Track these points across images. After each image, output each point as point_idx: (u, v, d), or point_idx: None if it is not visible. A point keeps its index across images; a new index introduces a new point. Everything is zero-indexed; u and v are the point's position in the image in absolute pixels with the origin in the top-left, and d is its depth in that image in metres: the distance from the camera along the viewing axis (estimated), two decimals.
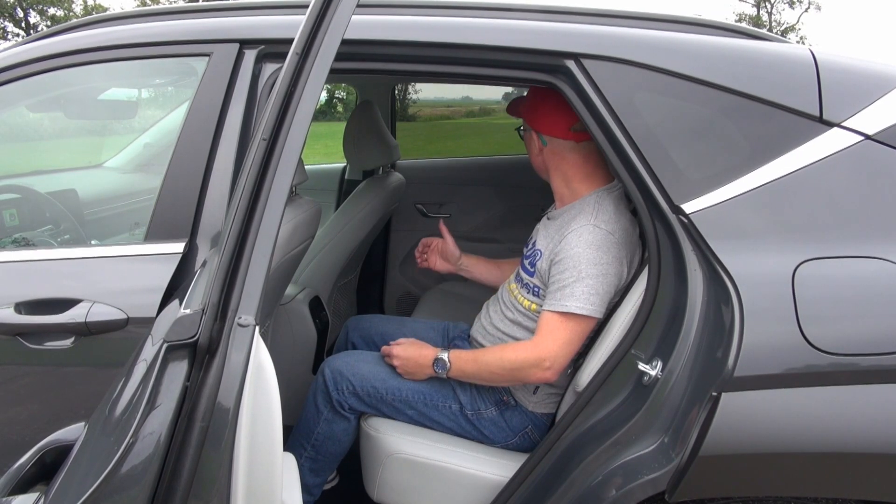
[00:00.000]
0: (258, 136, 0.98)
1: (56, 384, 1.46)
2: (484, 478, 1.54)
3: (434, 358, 1.58)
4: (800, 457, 1.14)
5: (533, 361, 1.46)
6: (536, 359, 1.45)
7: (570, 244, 1.48)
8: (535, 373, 1.46)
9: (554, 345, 1.45)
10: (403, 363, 1.62)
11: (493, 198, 3.12)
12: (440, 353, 1.59)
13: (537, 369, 1.46)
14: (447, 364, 1.57)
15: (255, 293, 0.94)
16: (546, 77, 1.37)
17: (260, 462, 0.97)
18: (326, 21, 1.00)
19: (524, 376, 1.49)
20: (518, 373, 1.49)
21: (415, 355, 1.62)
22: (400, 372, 1.64)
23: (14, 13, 26.74)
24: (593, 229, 1.47)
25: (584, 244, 1.46)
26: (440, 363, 1.57)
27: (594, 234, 1.47)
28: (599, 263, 1.45)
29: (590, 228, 1.48)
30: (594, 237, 1.46)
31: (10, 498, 1.01)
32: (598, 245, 1.46)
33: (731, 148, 1.26)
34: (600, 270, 1.44)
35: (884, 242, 1.18)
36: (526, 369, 1.47)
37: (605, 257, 1.45)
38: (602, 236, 1.46)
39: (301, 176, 1.60)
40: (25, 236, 1.78)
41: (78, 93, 1.87)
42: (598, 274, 1.44)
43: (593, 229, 1.47)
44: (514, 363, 1.48)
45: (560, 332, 1.46)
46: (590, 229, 1.48)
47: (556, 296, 1.47)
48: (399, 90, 4.59)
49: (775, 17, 35.54)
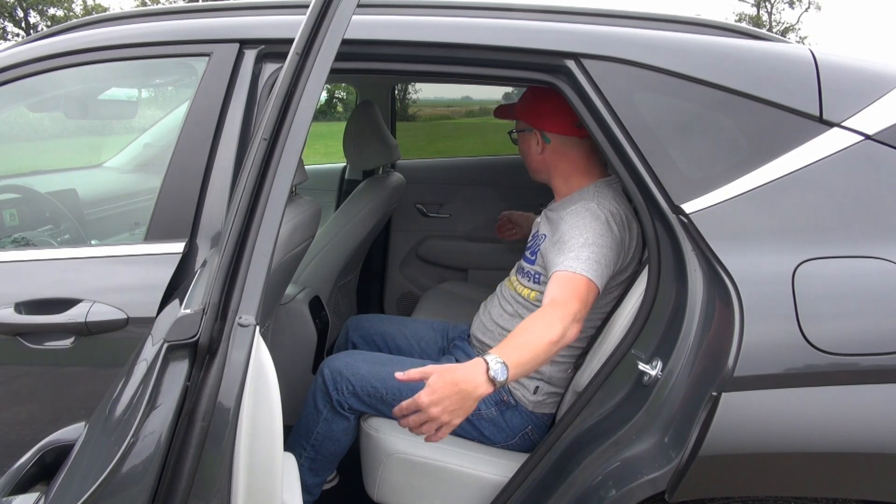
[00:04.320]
0: (258, 136, 0.98)
1: (56, 384, 1.46)
2: (484, 478, 1.54)
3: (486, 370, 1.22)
4: (800, 457, 1.14)
5: (570, 321, 1.34)
6: (573, 317, 1.34)
7: (575, 218, 1.52)
8: (572, 334, 1.34)
9: (578, 303, 1.37)
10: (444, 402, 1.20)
11: (493, 198, 3.12)
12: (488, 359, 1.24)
13: (574, 326, 1.34)
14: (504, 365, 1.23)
15: (255, 293, 0.94)
16: (546, 77, 1.37)
17: (260, 462, 0.97)
18: (326, 21, 1.00)
19: (566, 340, 1.34)
20: (563, 339, 1.33)
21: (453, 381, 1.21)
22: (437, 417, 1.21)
23: (14, 13, 26.74)
24: (597, 207, 1.53)
25: (591, 217, 1.51)
26: (498, 369, 1.22)
27: (598, 212, 1.52)
28: (604, 236, 1.48)
29: (593, 206, 1.53)
30: (598, 214, 1.51)
31: (10, 498, 1.01)
32: (604, 221, 1.50)
33: (731, 148, 1.26)
34: (605, 242, 1.47)
35: (884, 242, 1.18)
36: (567, 332, 1.33)
37: (608, 232, 1.49)
38: (605, 215, 1.51)
39: (301, 176, 1.60)
40: (25, 236, 1.78)
41: (78, 93, 1.87)
42: (604, 245, 1.47)
43: (597, 207, 1.53)
44: (557, 333, 1.31)
45: (580, 290, 1.40)
46: (594, 207, 1.53)
47: (563, 258, 1.45)
48: (399, 90, 4.59)
49: (775, 17, 35.56)
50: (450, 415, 1.21)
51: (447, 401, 1.19)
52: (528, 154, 1.70)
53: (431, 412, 1.20)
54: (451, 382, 1.20)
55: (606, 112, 1.29)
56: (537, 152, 1.67)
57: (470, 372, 1.22)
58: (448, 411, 1.20)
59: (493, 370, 1.22)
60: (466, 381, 1.21)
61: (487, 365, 1.22)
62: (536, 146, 1.67)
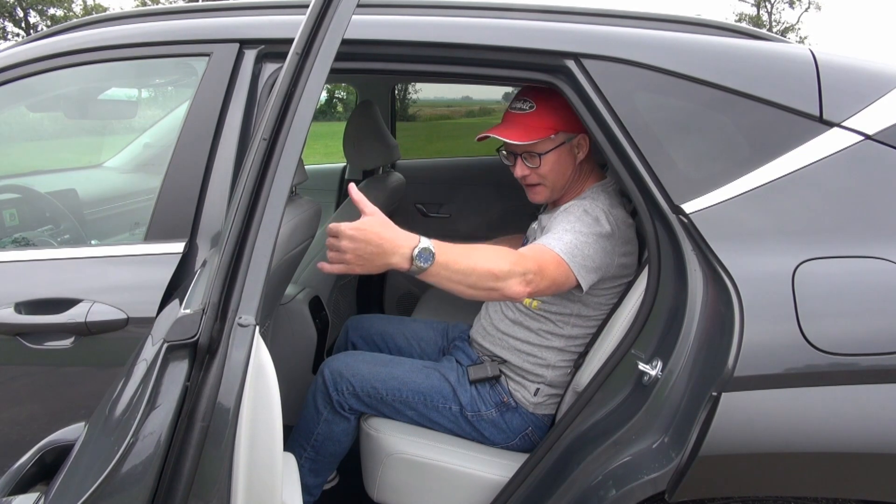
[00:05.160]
0: (258, 136, 0.98)
1: (56, 384, 1.46)
2: (484, 478, 1.54)
3: (414, 247, 1.21)
4: (800, 457, 1.14)
5: (520, 272, 1.30)
6: (524, 269, 1.31)
7: (563, 214, 1.52)
8: (514, 285, 1.29)
9: (540, 265, 1.34)
10: (359, 249, 1.19)
11: (493, 198, 3.12)
12: (423, 241, 1.22)
13: (519, 281, 1.30)
14: (432, 257, 1.22)
15: (255, 293, 0.94)
16: (546, 77, 1.37)
17: (260, 462, 0.97)
18: (326, 21, 1.00)
19: (503, 287, 1.29)
20: (501, 281, 1.28)
21: (380, 233, 1.20)
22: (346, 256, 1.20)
23: (14, 13, 26.75)
24: (591, 203, 1.53)
25: (582, 212, 1.50)
26: (424, 255, 1.21)
27: (591, 208, 1.51)
28: (592, 229, 1.46)
29: (588, 203, 1.53)
30: (591, 210, 1.50)
31: (10, 498, 1.01)
32: (594, 218, 1.48)
33: (731, 148, 1.26)
34: (589, 234, 1.44)
35: (884, 242, 1.18)
36: (511, 277, 1.29)
37: (598, 228, 1.47)
38: (597, 213, 1.50)
39: (301, 176, 1.60)
40: (25, 236, 1.78)
41: (78, 93, 1.87)
42: (587, 234, 1.44)
43: (591, 203, 1.53)
44: (502, 269, 1.28)
45: (547, 260, 1.36)
46: (588, 203, 1.53)
47: (545, 238, 1.45)
48: (399, 90, 4.59)
49: (775, 17, 35.56)
50: (356, 259, 1.19)
51: (364, 247, 1.18)
52: (568, 166, 1.57)
53: (343, 245, 1.18)
54: (377, 234, 1.19)
55: (606, 112, 1.29)
56: (580, 160, 1.57)
57: (400, 238, 1.21)
58: (356, 255, 1.19)
59: (418, 251, 1.20)
60: (391, 242, 1.20)
61: (418, 244, 1.21)
62: (578, 153, 1.57)
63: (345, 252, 1.19)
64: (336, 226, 1.20)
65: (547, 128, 1.53)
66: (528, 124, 1.54)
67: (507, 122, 1.58)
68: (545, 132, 1.53)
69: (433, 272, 1.23)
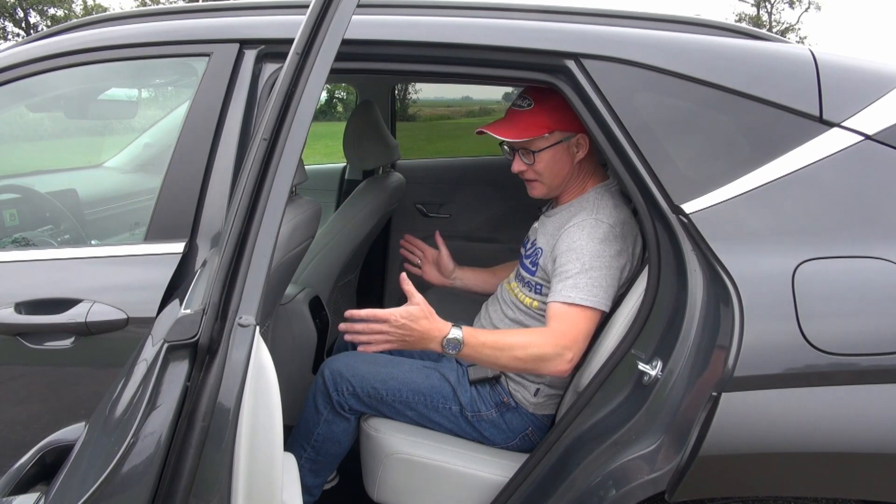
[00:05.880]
0: (258, 136, 0.98)
1: (56, 384, 1.46)
2: (484, 478, 1.54)
3: (445, 336, 1.39)
4: (800, 457, 1.14)
5: (558, 352, 1.40)
6: (562, 348, 1.40)
7: (572, 237, 1.49)
8: (557, 364, 1.40)
9: (575, 334, 1.42)
10: (404, 335, 1.38)
11: (493, 198, 3.11)
12: (453, 332, 1.40)
13: (561, 360, 1.40)
14: (460, 345, 1.40)
15: (255, 293, 0.94)
16: (546, 77, 1.37)
17: (260, 462, 0.97)
18: (326, 21, 1.00)
19: (545, 367, 1.42)
20: (540, 363, 1.41)
21: (424, 327, 1.38)
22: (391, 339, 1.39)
23: (14, 13, 26.73)
24: (595, 223, 1.49)
25: (587, 237, 1.47)
26: (452, 343, 1.39)
27: (596, 228, 1.48)
28: (602, 256, 1.45)
29: (591, 222, 1.49)
30: (597, 231, 1.48)
31: (10, 498, 1.01)
32: (602, 238, 1.47)
33: (731, 148, 1.26)
34: (604, 263, 1.45)
35: (884, 242, 1.18)
36: (550, 360, 1.40)
37: (607, 250, 1.46)
38: (605, 230, 1.48)
39: (301, 176, 1.60)
40: (25, 236, 1.78)
41: (78, 93, 1.87)
42: (602, 266, 1.45)
43: (595, 223, 1.49)
44: (538, 354, 1.41)
45: (578, 323, 1.43)
46: (592, 223, 1.49)
47: (562, 286, 1.45)
48: (399, 90, 4.59)
49: (775, 17, 35.55)
50: (398, 342, 1.39)
51: (409, 334, 1.38)
52: (564, 165, 1.57)
53: (392, 333, 1.37)
54: (420, 325, 1.38)
55: (606, 112, 1.29)
56: (578, 159, 1.57)
57: (436, 329, 1.40)
58: (399, 339, 1.38)
59: (447, 341, 1.39)
60: (430, 333, 1.39)
61: (448, 334, 1.39)
62: (576, 152, 1.56)
63: (390, 339, 1.39)
64: (383, 314, 1.37)
65: (542, 126, 1.53)
66: (524, 121, 1.55)
67: (506, 119, 1.60)
68: (540, 130, 1.53)
69: (465, 354, 1.42)
